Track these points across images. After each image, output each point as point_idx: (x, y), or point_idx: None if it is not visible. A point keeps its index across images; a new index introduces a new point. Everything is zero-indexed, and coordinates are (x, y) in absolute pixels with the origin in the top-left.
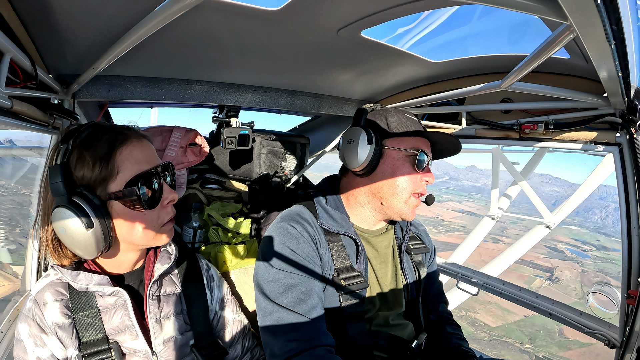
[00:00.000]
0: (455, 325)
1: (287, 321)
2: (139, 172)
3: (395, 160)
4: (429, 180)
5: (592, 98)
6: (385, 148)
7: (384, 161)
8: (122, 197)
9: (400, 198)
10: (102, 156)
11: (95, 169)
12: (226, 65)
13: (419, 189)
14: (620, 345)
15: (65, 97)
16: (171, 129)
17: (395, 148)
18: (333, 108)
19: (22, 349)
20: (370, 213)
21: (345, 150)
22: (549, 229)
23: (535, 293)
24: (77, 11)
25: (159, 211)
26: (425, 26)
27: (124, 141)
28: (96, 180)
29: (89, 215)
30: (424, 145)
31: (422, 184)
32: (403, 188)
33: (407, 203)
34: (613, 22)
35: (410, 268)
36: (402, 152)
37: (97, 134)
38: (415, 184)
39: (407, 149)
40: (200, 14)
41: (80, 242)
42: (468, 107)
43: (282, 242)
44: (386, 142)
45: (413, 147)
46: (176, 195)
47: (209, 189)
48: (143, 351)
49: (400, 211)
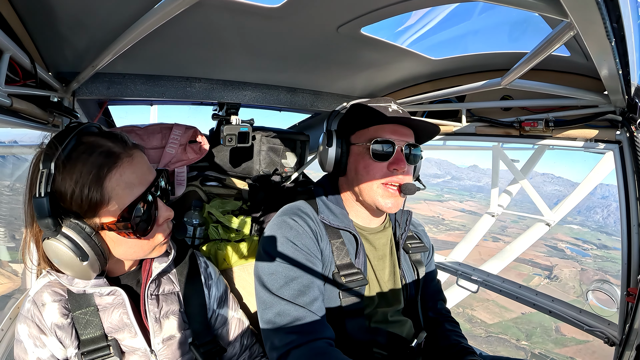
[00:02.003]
0: (454, 322)
1: (288, 313)
2: (132, 198)
3: (357, 155)
4: (397, 168)
5: (592, 96)
6: (352, 145)
7: (350, 158)
8: (116, 230)
9: (370, 191)
10: (90, 184)
11: (84, 199)
12: (226, 63)
13: (386, 179)
14: (619, 342)
15: (64, 95)
16: (171, 126)
17: (356, 143)
18: (333, 105)
19: (22, 350)
20: (361, 209)
21: (320, 156)
22: (549, 226)
23: (535, 290)
24: (76, 9)
25: (155, 231)
26: (425, 23)
27: (113, 164)
28: (87, 209)
29: (82, 248)
30: (387, 132)
31: (392, 174)
32: (369, 179)
33: (381, 195)
34: (613, 20)
35: (408, 266)
36: (362, 146)
37: (81, 155)
38: (382, 174)
39: (363, 142)
40: (200, 11)
41: (76, 271)
42: (468, 105)
43: (283, 235)
44: (351, 139)
45: (369, 138)
46: (172, 213)
47: (209, 187)
48: (142, 349)
49: (376, 203)
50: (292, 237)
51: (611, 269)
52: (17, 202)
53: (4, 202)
